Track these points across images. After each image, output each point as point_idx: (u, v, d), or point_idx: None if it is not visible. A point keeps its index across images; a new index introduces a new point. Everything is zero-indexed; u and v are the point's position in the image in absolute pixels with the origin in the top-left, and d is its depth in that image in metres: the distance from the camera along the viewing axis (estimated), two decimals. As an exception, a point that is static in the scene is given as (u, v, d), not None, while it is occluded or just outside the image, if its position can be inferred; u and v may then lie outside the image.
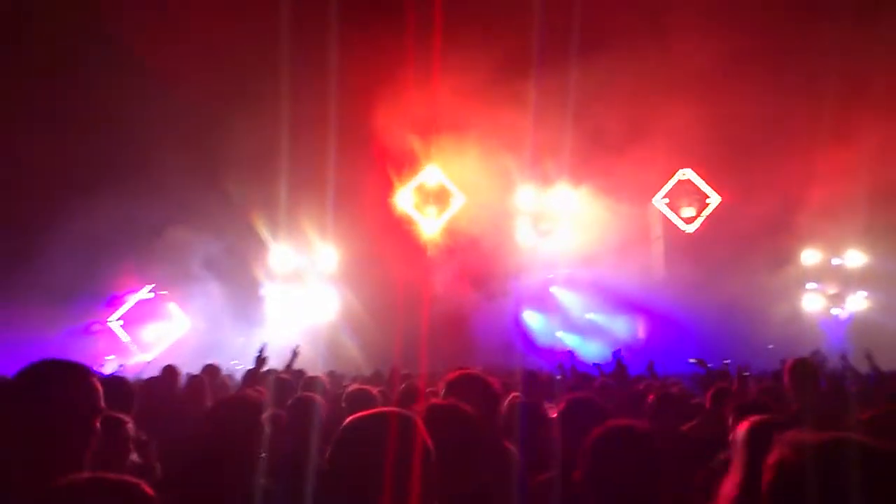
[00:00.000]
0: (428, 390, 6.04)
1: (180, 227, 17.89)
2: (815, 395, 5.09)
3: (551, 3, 17.23)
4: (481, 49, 18.04)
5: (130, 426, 3.41)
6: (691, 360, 7.76)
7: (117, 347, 19.02)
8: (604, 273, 20.00)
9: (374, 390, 5.45)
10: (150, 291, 19.64)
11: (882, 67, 17.75)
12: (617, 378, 7.03)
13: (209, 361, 8.24)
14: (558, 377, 8.38)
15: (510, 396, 4.37)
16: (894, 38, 17.56)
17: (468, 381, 3.37)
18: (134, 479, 1.86)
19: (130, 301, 19.58)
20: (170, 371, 6.94)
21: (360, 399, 4.96)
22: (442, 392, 3.44)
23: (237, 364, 15.44)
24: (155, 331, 19.65)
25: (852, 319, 20.74)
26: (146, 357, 18.01)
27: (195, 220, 17.92)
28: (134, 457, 3.38)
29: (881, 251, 20.10)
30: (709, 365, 7.52)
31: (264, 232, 19.44)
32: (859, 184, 17.98)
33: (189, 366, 9.24)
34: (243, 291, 19.44)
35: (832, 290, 20.99)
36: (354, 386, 5.94)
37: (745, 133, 18.80)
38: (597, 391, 6.42)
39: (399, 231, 20.73)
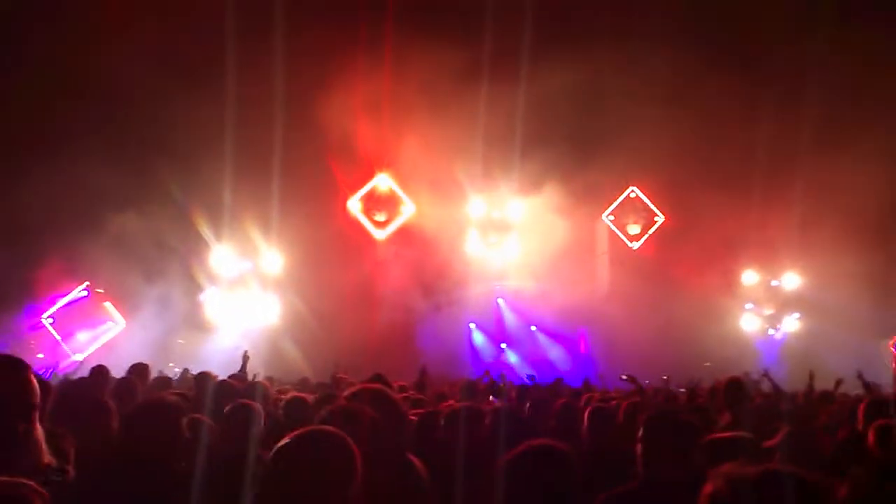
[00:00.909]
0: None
1: (116, 224, 17.33)
2: (747, 411, 5.22)
3: (503, 17, 17.40)
4: (433, 59, 18.08)
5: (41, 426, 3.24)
6: (623, 377, 7.83)
7: (48, 346, 18.33)
8: (550, 286, 20.19)
9: (311, 399, 5.36)
10: (84, 289, 18.99)
11: (819, 97, 18.38)
12: (551, 392, 7.06)
13: (141, 362, 7.92)
14: (499, 386, 8.39)
15: (447, 404, 4.34)
16: (830, 68, 18.28)
17: (371, 395, 3.29)
18: (25, 481, 1.76)
19: (64, 299, 18.91)
20: (98, 372, 6.68)
21: (297, 407, 4.86)
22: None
23: (173, 366, 15.07)
24: (89, 330, 19.01)
25: (786, 340, 21.36)
26: (78, 357, 17.41)
27: (133, 217, 17.42)
28: (47, 458, 3.21)
29: (815, 275, 20.77)
30: (644, 382, 7.60)
31: (206, 233, 19.01)
32: (797, 209, 18.61)
33: (123, 367, 8.95)
34: (183, 293, 18.96)
35: (768, 310, 21.58)
36: (292, 394, 5.82)
37: (692, 156, 19.20)
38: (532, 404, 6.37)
39: (347, 237, 20.53)
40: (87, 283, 18.92)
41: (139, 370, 7.17)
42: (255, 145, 17.41)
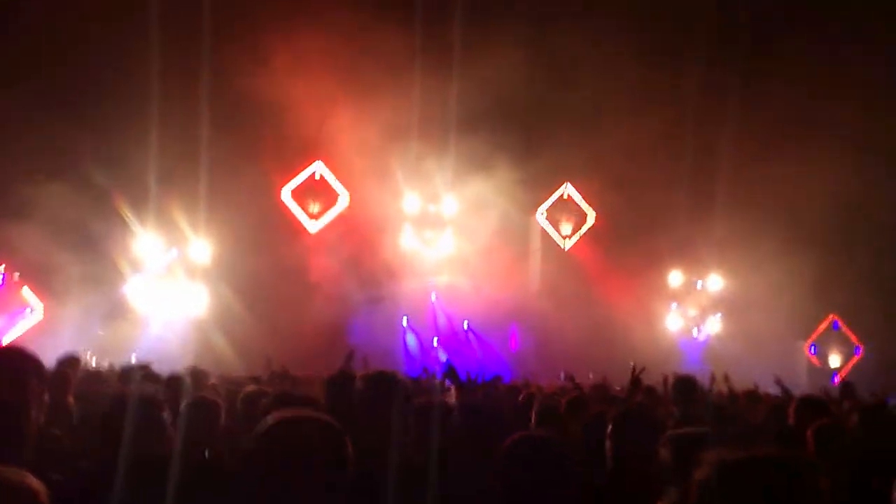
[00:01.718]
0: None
1: (32, 204, 16.50)
2: (696, 407, 5.46)
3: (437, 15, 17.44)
4: (367, 46, 17.98)
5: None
6: (562, 377, 7.98)
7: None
8: (483, 282, 20.31)
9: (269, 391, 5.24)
10: (0, 274, 18.08)
11: (748, 105, 19.05)
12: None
13: (63, 351, 7.55)
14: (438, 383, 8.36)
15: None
16: (763, 75, 18.99)
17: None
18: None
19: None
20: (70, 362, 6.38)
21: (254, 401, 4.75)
22: None
23: (93, 356, 14.49)
24: (3, 317, 18.11)
25: (708, 341, 22.07)
26: (-9, 345, 16.56)
27: (50, 197, 16.63)
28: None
29: (737, 277, 21.50)
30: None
31: (130, 218, 18.32)
32: (721, 212, 19.23)
33: (41, 355, 8.55)
34: (105, 280, 18.23)
35: (693, 311, 22.24)
36: (251, 387, 5.66)
37: (625, 156, 19.58)
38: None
39: (279, 227, 20.15)
40: (2, 266, 18.02)
41: (71, 362, 6.78)
42: (184, 129, 16.88)
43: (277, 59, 18.16)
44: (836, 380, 19.75)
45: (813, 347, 22.09)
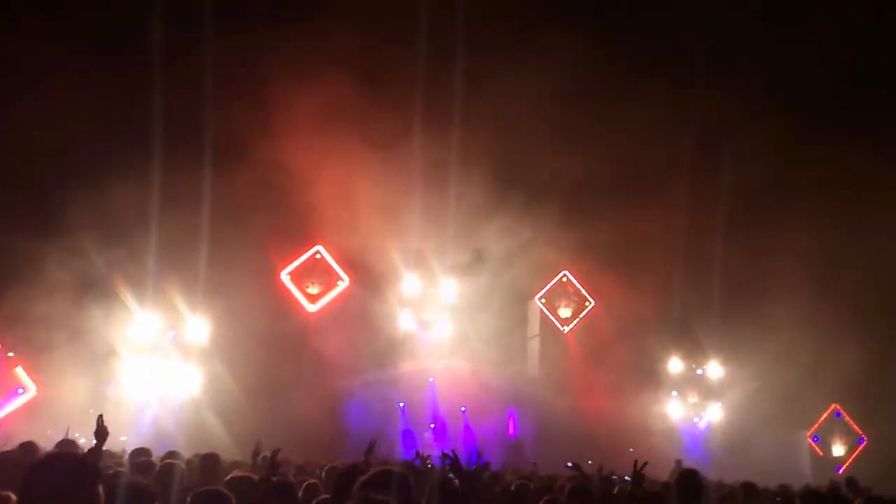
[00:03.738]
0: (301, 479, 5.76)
1: (31, 284, 16.53)
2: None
3: (437, 95, 17.98)
4: (369, 132, 18.44)
5: None
6: (568, 465, 7.84)
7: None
8: (481, 366, 20.17)
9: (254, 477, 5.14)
10: (-7, 353, 17.93)
11: (742, 190, 19.46)
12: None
13: (50, 431, 7.49)
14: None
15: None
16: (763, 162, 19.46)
17: None
18: None
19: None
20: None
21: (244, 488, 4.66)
22: None
23: (78, 436, 14.19)
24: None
25: (709, 429, 21.72)
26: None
27: (48, 279, 16.67)
28: None
29: (736, 365, 21.36)
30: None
31: (128, 299, 18.31)
32: (719, 300, 19.30)
33: (31, 434, 8.46)
34: (100, 360, 18.06)
35: (693, 399, 21.97)
36: (236, 473, 5.53)
37: (623, 244, 19.80)
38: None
39: (277, 309, 20.12)
40: (-4, 346, 17.89)
41: (30, 448, 6.58)
42: (184, 211, 17.10)
43: (279, 144, 18.58)
44: (841, 470, 19.37)
45: (815, 437, 21.74)
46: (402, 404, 20.37)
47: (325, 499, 4.72)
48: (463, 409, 20.64)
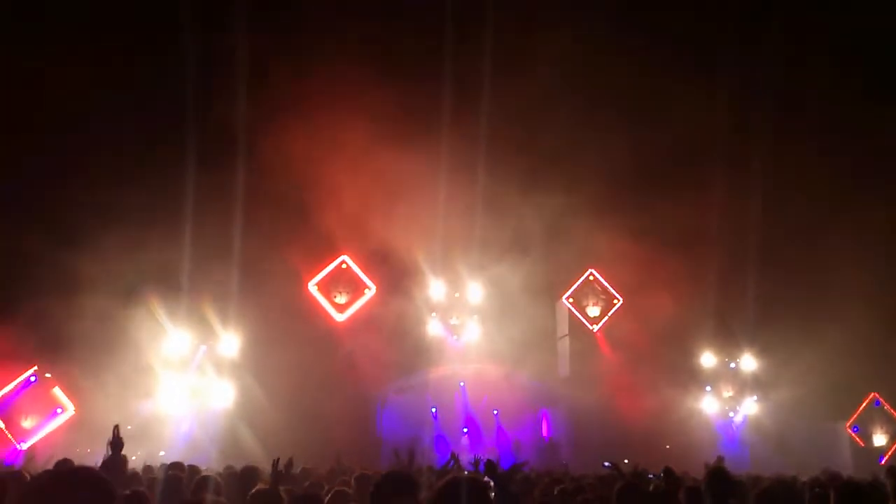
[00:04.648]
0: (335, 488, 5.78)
1: (64, 306, 16.83)
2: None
3: (462, 106, 17.97)
4: (395, 140, 18.46)
5: None
6: (606, 464, 7.81)
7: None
8: (511, 369, 20.11)
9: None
10: (32, 375, 18.27)
11: (770, 179, 19.18)
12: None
13: (90, 449, 7.59)
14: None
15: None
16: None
17: None
18: None
19: (10, 385, 18.13)
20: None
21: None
22: None
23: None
24: (36, 417, 18.18)
25: (746, 423, 21.41)
26: (22, 446, 16.61)
27: (83, 297, 16.96)
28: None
29: (771, 357, 21.04)
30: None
31: (161, 316, 18.58)
32: (752, 293, 19.03)
33: (67, 453, 8.61)
34: (135, 377, 18.33)
35: (728, 393, 21.68)
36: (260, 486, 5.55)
37: (650, 240, 19.61)
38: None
39: (307, 319, 20.25)
40: (34, 367, 18.22)
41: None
42: (214, 227, 17.31)
43: (306, 158, 18.72)
44: (883, 460, 19.01)
45: (855, 427, 21.33)
46: (434, 410, 20.40)
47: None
48: (495, 412, 20.60)
